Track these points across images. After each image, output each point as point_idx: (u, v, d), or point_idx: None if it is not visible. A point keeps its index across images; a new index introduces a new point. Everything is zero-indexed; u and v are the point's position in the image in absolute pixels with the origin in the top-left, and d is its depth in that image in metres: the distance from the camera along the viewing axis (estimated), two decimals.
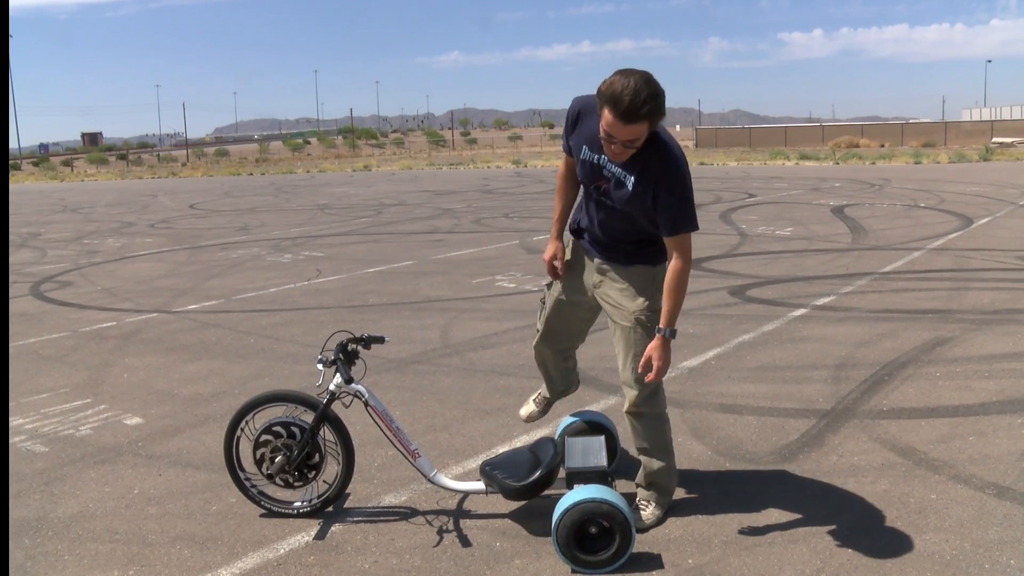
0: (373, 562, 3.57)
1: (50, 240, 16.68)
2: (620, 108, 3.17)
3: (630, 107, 3.16)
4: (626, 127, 3.22)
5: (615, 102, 3.18)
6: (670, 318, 3.55)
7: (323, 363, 3.87)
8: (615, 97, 3.18)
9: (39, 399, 5.95)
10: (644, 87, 3.18)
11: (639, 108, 3.17)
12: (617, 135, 3.26)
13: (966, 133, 60.39)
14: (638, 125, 3.23)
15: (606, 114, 3.23)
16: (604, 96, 3.22)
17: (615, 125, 3.23)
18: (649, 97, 3.18)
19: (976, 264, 10.18)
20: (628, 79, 3.19)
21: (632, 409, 3.78)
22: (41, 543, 3.83)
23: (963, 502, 3.92)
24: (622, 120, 3.20)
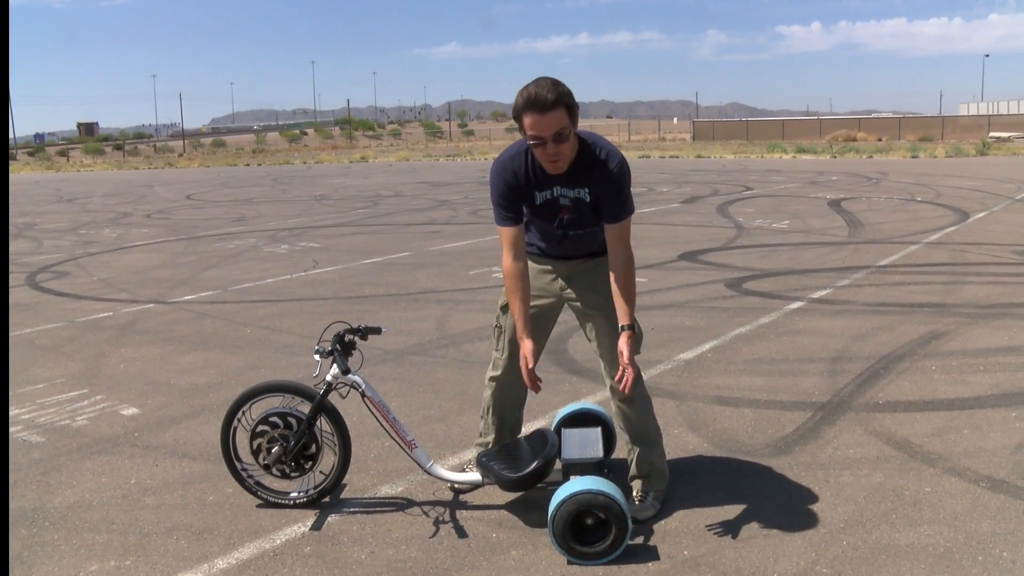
0: (369, 553, 3.58)
1: (46, 230, 16.65)
2: (532, 102, 3.32)
3: (539, 97, 3.31)
4: (545, 116, 3.32)
5: (527, 101, 3.33)
6: (629, 312, 3.58)
7: (320, 354, 3.87)
8: (526, 98, 3.34)
9: (35, 389, 5.95)
10: (545, 79, 3.37)
11: (548, 94, 3.31)
12: (543, 131, 3.35)
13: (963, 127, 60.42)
14: (555, 112, 3.33)
15: (527, 119, 3.35)
16: (518, 107, 3.38)
17: (537, 121, 3.34)
18: (552, 84, 3.35)
19: (972, 258, 10.20)
20: (532, 84, 3.38)
21: (623, 396, 3.79)
22: (38, 533, 3.83)
23: (957, 495, 3.94)
24: (539, 111, 3.32)
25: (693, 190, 21.01)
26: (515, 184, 3.61)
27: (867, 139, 55.36)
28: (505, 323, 3.93)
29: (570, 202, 3.61)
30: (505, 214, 3.65)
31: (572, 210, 3.63)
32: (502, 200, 3.63)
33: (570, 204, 3.62)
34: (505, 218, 3.65)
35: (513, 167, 3.61)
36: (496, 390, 4.06)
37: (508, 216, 3.65)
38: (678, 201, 18.29)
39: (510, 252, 3.65)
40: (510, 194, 3.62)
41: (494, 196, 3.66)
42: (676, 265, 10.20)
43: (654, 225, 14.20)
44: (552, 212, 3.67)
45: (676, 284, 9.00)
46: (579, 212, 3.64)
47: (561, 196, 3.61)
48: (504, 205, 3.64)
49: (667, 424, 4.85)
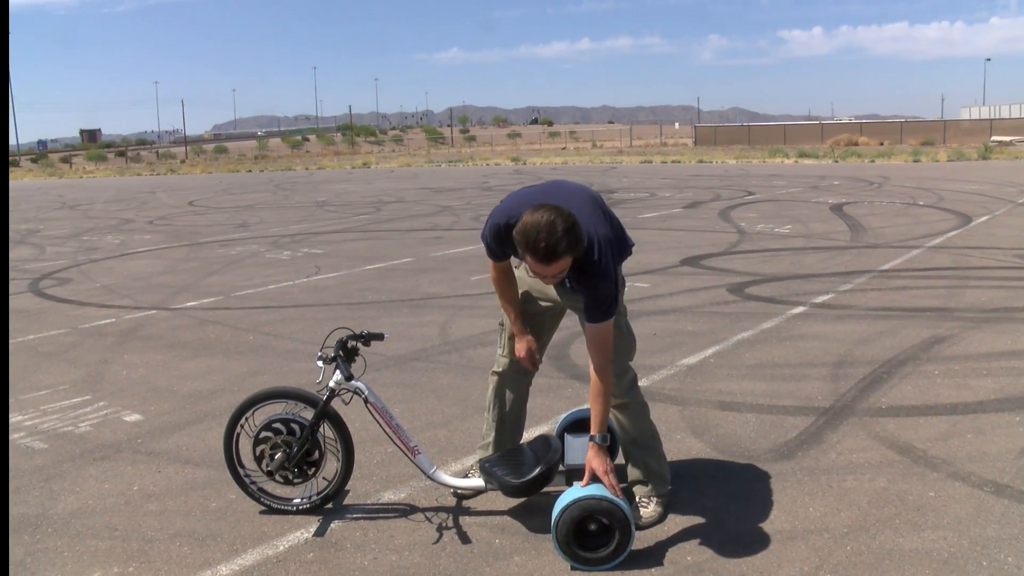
0: (372, 559, 3.57)
1: (49, 237, 16.67)
2: (539, 254, 3.21)
3: (547, 251, 3.20)
4: (549, 266, 3.26)
5: (533, 249, 3.21)
6: (600, 424, 3.53)
7: (323, 360, 3.87)
8: (531, 244, 3.20)
9: (38, 396, 5.95)
10: (557, 223, 3.18)
11: (555, 248, 3.20)
12: (545, 272, 3.32)
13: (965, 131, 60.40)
14: (560, 261, 3.25)
15: (530, 260, 3.27)
16: (521, 243, 3.26)
17: (541, 268, 3.28)
18: (564, 233, 3.19)
19: (975, 262, 10.19)
20: (538, 217, 3.20)
21: (616, 403, 3.82)
22: (41, 539, 3.83)
23: (961, 500, 3.93)
24: (544, 262, 3.24)
25: (695, 195, 21.02)
26: (507, 246, 3.59)
27: (869, 143, 55.37)
28: (508, 322, 3.98)
29: None
30: (491, 253, 3.74)
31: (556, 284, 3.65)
32: (493, 246, 3.69)
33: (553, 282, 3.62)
34: (490, 251, 3.74)
35: (507, 234, 3.52)
36: (498, 384, 4.10)
37: (494, 253, 3.74)
38: (680, 206, 18.29)
39: (494, 266, 3.83)
40: (500, 247, 3.67)
41: (487, 238, 3.67)
42: (678, 270, 10.20)
43: (656, 230, 14.19)
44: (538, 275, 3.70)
45: (678, 289, 9.00)
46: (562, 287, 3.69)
47: None
48: (493, 250, 3.71)
49: (670, 429, 4.85)
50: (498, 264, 3.80)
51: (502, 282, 3.85)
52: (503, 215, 3.56)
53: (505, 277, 3.84)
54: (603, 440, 3.52)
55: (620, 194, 21.91)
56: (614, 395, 3.78)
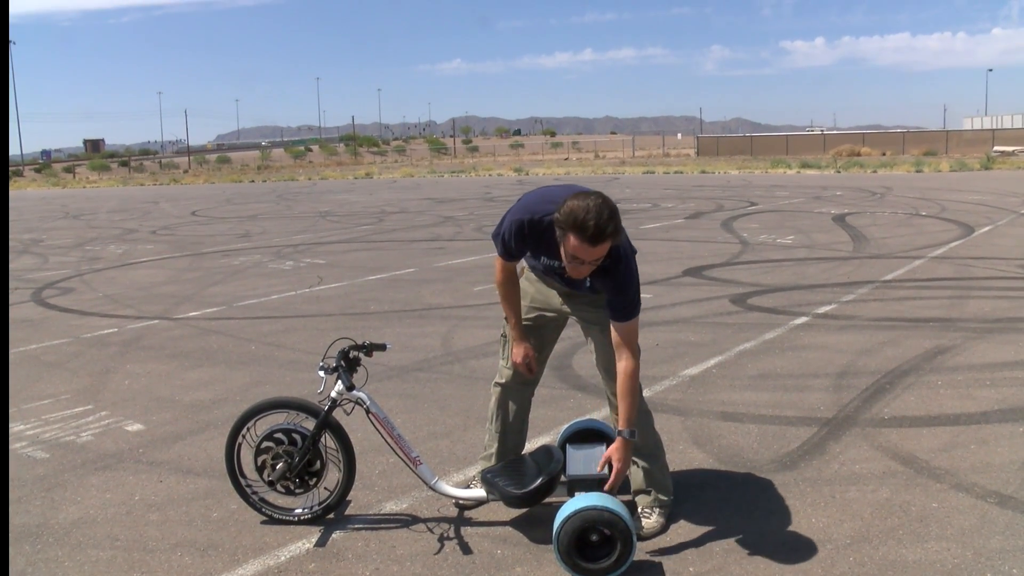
0: (374, 569, 3.56)
1: (52, 246, 16.70)
2: (587, 233, 3.24)
3: (596, 230, 3.24)
4: (594, 248, 3.29)
5: (581, 228, 3.25)
6: (629, 419, 3.56)
7: (325, 370, 3.87)
8: (580, 224, 3.24)
9: (40, 405, 5.95)
10: (604, 207, 3.27)
11: (604, 229, 3.25)
12: (586, 257, 3.33)
13: (967, 142, 60.41)
14: (604, 245, 3.30)
15: (572, 240, 3.29)
16: (567, 224, 3.28)
17: (583, 249, 3.30)
18: (609, 216, 3.26)
19: (977, 272, 10.18)
20: (586, 202, 3.27)
21: None
22: (42, 549, 3.83)
23: (965, 511, 3.92)
24: (590, 243, 3.27)
25: (697, 206, 21.03)
26: (527, 244, 3.66)
27: (871, 154, 55.39)
28: (510, 333, 3.97)
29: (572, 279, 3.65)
30: (505, 251, 3.74)
31: (572, 281, 3.68)
32: (510, 245, 3.69)
33: (572, 280, 3.67)
34: (504, 253, 3.75)
35: (534, 232, 3.59)
36: (500, 396, 4.10)
37: (507, 254, 3.75)
38: (682, 217, 18.30)
39: (501, 269, 3.84)
40: (517, 247, 3.69)
41: (504, 235, 3.68)
42: (681, 281, 10.19)
43: (659, 241, 14.20)
44: (551, 272, 3.75)
45: (681, 300, 8.99)
46: (579, 285, 3.71)
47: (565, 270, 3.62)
48: (509, 248, 3.71)
49: (672, 440, 4.84)
50: (507, 265, 3.82)
51: (507, 285, 3.87)
52: (526, 212, 3.60)
53: (511, 280, 3.87)
54: (631, 436, 3.55)
55: (623, 204, 21.92)
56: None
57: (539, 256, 3.71)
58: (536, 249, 3.67)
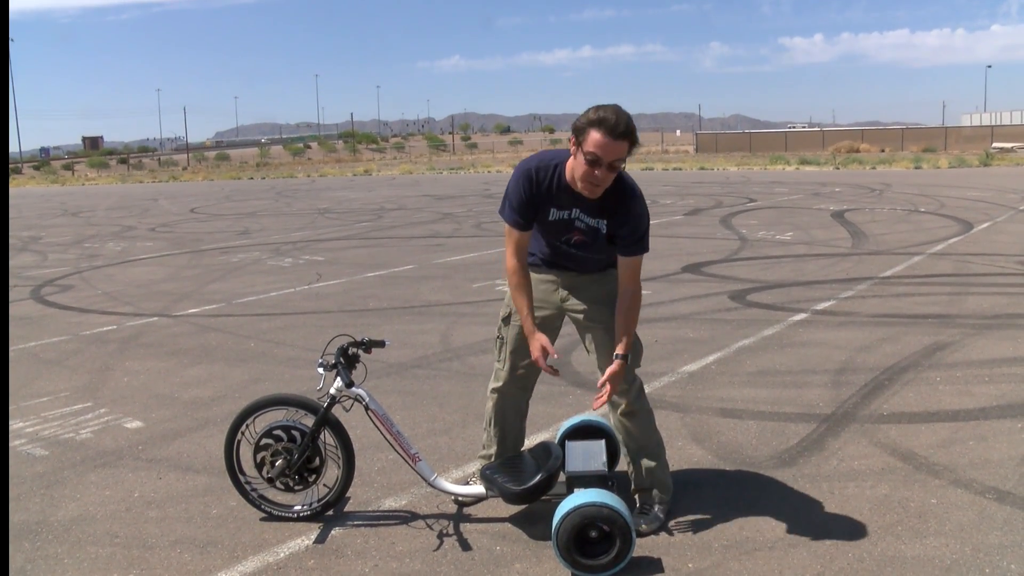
0: (373, 566, 3.57)
1: (51, 244, 16.69)
2: (609, 126, 3.36)
3: (617, 125, 3.37)
4: (616, 143, 3.38)
5: (605, 123, 3.37)
6: (628, 343, 3.63)
7: (324, 367, 3.87)
8: (604, 120, 3.37)
9: (39, 403, 5.95)
10: (623, 112, 3.43)
11: (627, 123, 3.40)
12: (606, 155, 3.39)
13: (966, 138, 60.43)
14: (625, 142, 3.41)
15: (595, 136, 3.37)
16: (592, 122, 3.40)
17: (606, 144, 3.37)
18: (629, 119, 3.42)
19: (976, 269, 10.19)
20: (607, 107, 3.43)
21: (626, 409, 3.82)
22: (41, 546, 3.83)
23: (963, 506, 3.92)
24: (613, 137, 3.36)
25: (696, 202, 21.03)
26: (535, 193, 3.65)
27: (870, 150, 55.40)
28: (507, 334, 3.95)
29: (585, 227, 3.67)
30: (516, 216, 3.69)
31: (584, 233, 3.68)
32: (518, 203, 3.67)
33: (585, 229, 3.67)
34: (514, 219, 3.70)
35: (539, 177, 3.64)
36: (498, 401, 4.08)
37: (518, 219, 3.69)
38: (682, 213, 18.30)
39: (513, 251, 3.73)
40: (527, 200, 3.66)
41: (511, 196, 3.69)
42: (680, 277, 10.20)
43: (658, 237, 14.16)
44: (562, 231, 3.72)
45: (680, 296, 9.00)
46: (591, 239, 3.69)
47: (578, 220, 3.66)
48: (518, 208, 3.68)
49: (671, 436, 4.84)
50: (520, 241, 3.71)
51: (520, 272, 3.72)
52: (532, 161, 3.69)
53: (522, 261, 3.73)
54: (625, 359, 3.62)
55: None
56: (628, 401, 3.79)
57: (547, 210, 3.66)
58: (545, 201, 3.64)
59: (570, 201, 3.62)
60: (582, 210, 3.63)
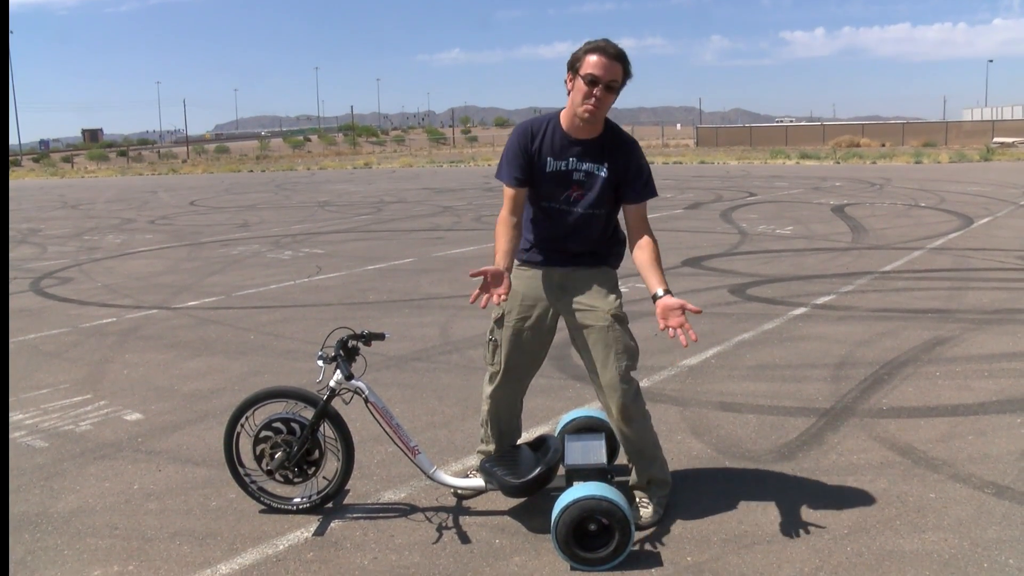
0: (372, 558, 3.57)
1: (50, 236, 16.68)
2: (603, 48, 3.53)
3: (610, 47, 3.54)
4: (611, 64, 3.52)
5: (600, 47, 3.54)
6: (664, 280, 3.73)
7: (323, 359, 3.87)
8: (598, 45, 3.55)
9: (39, 395, 5.96)
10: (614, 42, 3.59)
11: (620, 49, 3.56)
12: (603, 74, 3.51)
13: (967, 133, 60.37)
14: (620, 64, 3.55)
15: (592, 58, 3.52)
16: (587, 49, 3.56)
17: (603, 64, 3.51)
18: (621, 48, 3.58)
19: (976, 264, 10.19)
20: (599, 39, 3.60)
21: (624, 414, 3.73)
22: (41, 538, 3.83)
23: (962, 501, 3.93)
24: (608, 57, 3.52)
25: (696, 196, 21.02)
26: (531, 143, 3.70)
27: (870, 145, 55.37)
28: (500, 336, 3.92)
29: (583, 176, 3.68)
30: (512, 172, 3.73)
31: (583, 185, 3.68)
32: (514, 157, 3.72)
33: (583, 179, 3.68)
34: (511, 176, 3.73)
35: (534, 128, 3.74)
36: (492, 406, 4.04)
37: (515, 176, 3.72)
38: (682, 207, 18.29)
39: (508, 207, 3.75)
40: (523, 153, 3.70)
41: (508, 152, 3.75)
42: (680, 271, 10.19)
43: (657, 231, 14.01)
44: (561, 186, 3.70)
45: (680, 290, 8.94)
46: (590, 189, 3.69)
47: (575, 170, 3.68)
48: (514, 163, 3.72)
49: (670, 430, 4.85)
50: (516, 197, 3.73)
51: (508, 223, 3.71)
52: (529, 119, 3.84)
53: (516, 216, 3.74)
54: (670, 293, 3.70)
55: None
56: (623, 405, 3.71)
57: (543, 162, 3.68)
58: (541, 151, 3.68)
59: (565, 150, 3.67)
60: (579, 157, 3.67)
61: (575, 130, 3.66)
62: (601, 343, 3.72)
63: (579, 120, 3.61)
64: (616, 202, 3.79)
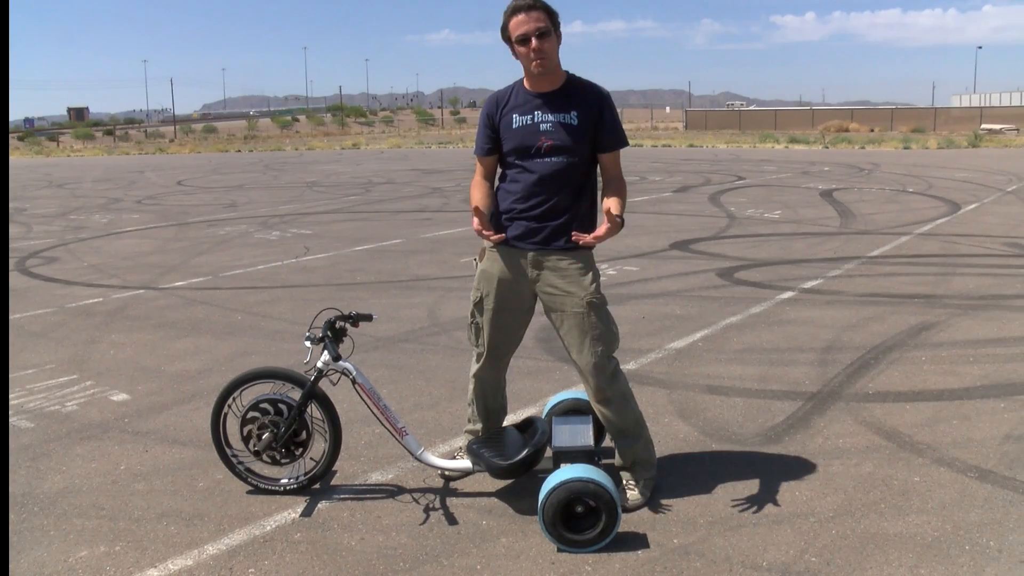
0: (360, 539, 3.58)
1: (36, 215, 16.57)
2: (518, 6, 3.58)
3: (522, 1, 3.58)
4: (529, 15, 3.57)
5: (514, 6, 3.59)
6: (620, 204, 3.69)
7: (311, 340, 3.86)
8: (513, 4, 3.60)
9: (25, 375, 5.93)
10: None
11: None
12: (528, 29, 3.56)
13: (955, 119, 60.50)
14: (537, 11, 3.58)
15: (514, 21, 3.59)
16: (507, 11, 3.63)
17: (522, 20, 3.57)
18: None
19: (963, 250, 10.23)
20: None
21: (599, 397, 3.78)
22: (27, 518, 3.82)
23: (946, 485, 3.96)
24: (524, 11, 3.57)
25: (685, 179, 21.02)
26: (496, 111, 3.81)
27: (859, 130, 55.44)
28: (482, 319, 3.92)
29: (551, 127, 3.69)
30: (481, 143, 3.88)
31: (553, 136, 3.69)
32: (483, 128, 3.87)
33: (551, 130, 3.69)
34: (481, 147, 3.88)
35: (499, 96, 3.87)
36: (477, 386, 4.07)
37: (483, 146, 3.87)
38: (670, 190, 18.29)
39: (479, 172, 3.92)
40: (489, 123, 3.82)
41: (479, 123, 3.91)
42: (668, 254, 10.21)
43: (646, 214, 14.20)
44: (529, 138, 3.71)
45: (667, 273, 9.01)
46: (562, 138, 3.68)
47: (542, 121, 3.70)
48: (482, 134, 3.87)
49: (657, 413, 4.86)
50: (488, 165, 3.90)
51: (479, 184, 3.89)
52: (495, 91, 3.94)
53: (485, 181, 3.91)
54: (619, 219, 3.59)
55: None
56: (598, 388, 3.74)
57: (510, 120, 3.74)
58: (506, 111, 3.77)
59: (529, 104, 3.73)
60: (545, 110, 3.70)
61: (536, 85, 3.74)
62: (576, 329, 3.72)
63: (535, 76, 3.70)
64: (591, 157, 3.78)
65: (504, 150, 3.80)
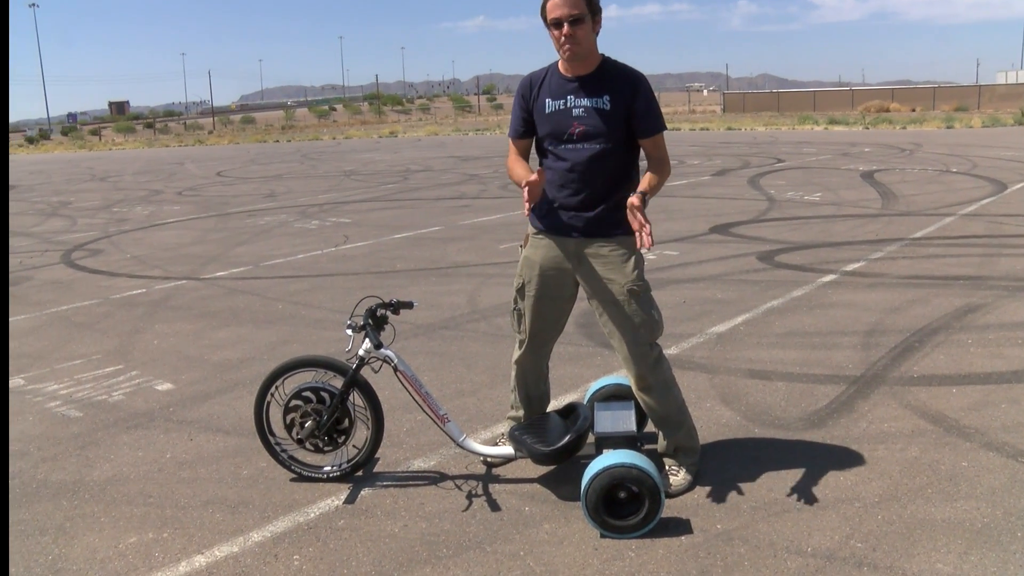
0: (403, 526, 3.60)
1: (80, 208, 16.83)
2: None
3: None
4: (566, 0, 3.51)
5: None
6: (652, 185, 3.65)
7: (352, 328, 3.88)
8: None
9: (72, 365, 6.03)
10: None
11: None
12: (562, 14, 3.51)
13: (1001, 96, 59.26)
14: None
15: (550, 4, 3.55)
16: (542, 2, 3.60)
17: (557, 4, 3.53)
18: None
19: (1009, 230, 10.03)
20: None
21: (640, 384, 3.78)
22: (79, 505, 3.89)
23: (995, 470, 3.89)
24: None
25: (724, 163, 20.83)
26: (530, 93, 3.80)
27: (900, 110, 54.55)
28: (524, 306, 3.93)
29: (584, 112, 3.66)
30: (515, 126, 3.88)
31: (585, 121, 3.65)
32: (517, 111, 3.87)
33: (583, 115, 3.66)
34: (514, 129, 3.89)
35: (533, 78, 3.84)
36: (519, 372, 4.09)
37: (516, 129, 3.87)
38: (709, 174, 18.14)
39: (512, 153, 3.90)
40: (524, 105, 3.82)
41: (514, 104, 3.92)
42: (707, 238, 10.13)
43: (685, 198, 14.09)
44: (562, 128, 3.69)
45: (708, 257, 8.94)
46: (594, 123, 3.65)
47: (574, 106, 3.67)
48: (517, 116, 3.87)
49: (699, 398, 4.83)
50: (521, 147, 3.89)
51: (515, 160, 3.88)
52: (529, 73, 3.91)
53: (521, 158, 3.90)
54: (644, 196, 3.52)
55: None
56: (640, 376, 3.74)
57: (543, 104, 3.73)
58: (540, 95, 3.76)
59: (562, 89, 3.71)
60: (577, 95, 3.67)
61: (570, 69, 3.71)
62: (618, 316, 3.71)
63: (567, 61, 3.67)
64: (629, 141, 3.72)
65: (538, 135, 3.80)
